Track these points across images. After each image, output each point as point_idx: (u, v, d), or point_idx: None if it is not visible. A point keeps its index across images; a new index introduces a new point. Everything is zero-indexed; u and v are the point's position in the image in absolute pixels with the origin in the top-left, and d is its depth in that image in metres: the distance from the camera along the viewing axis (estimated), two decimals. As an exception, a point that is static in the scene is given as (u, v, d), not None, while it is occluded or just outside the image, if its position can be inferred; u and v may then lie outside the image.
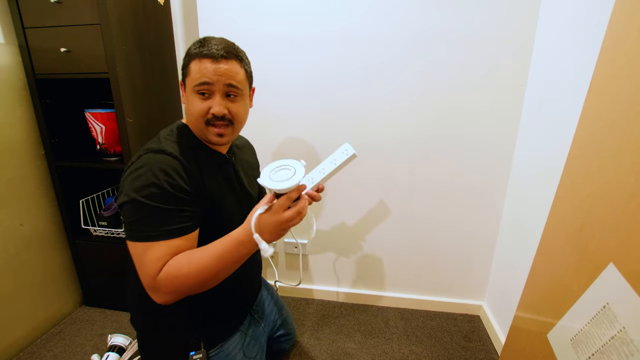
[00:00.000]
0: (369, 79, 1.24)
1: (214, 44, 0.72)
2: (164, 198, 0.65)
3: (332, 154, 0.89)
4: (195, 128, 0.77)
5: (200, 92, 0.72)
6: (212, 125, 0.74)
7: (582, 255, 0.71)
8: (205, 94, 0.72)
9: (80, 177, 1.36)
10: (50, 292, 1.34)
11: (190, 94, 0.73)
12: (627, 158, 0.61)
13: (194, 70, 0.71)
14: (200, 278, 0.66)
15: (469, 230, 1.37)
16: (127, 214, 0.66)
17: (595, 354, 0.64)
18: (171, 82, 1.38)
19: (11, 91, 1.14)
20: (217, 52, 0.70)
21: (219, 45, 0.71)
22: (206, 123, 0.74)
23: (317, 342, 1.30)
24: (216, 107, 0.72)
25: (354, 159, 0.86)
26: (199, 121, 0.74)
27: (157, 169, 0.65)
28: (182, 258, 0.66)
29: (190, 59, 0.72)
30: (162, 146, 0.70)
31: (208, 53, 0.70)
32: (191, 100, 0.73)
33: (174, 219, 0.66)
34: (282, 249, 1.54)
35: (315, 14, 1.20)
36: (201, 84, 0.70)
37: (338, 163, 0.85)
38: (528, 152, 1.16)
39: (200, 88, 0.71)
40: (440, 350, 1.27)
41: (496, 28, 1.13)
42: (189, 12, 1.34)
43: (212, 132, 0.75)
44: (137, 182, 0.65)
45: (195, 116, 0.73)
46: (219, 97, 0.72)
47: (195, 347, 0.78)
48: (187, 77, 0.73)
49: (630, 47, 0.63)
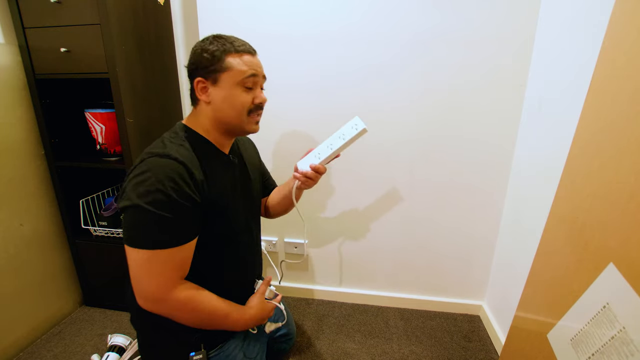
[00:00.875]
0: (369, 79, 1.24)
1: (238, 40, 0.75)
2: (169, 206, 0.64)
3: (340, 128, 0.84)
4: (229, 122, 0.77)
5: (247, 84, 0.74)
6: (251, 115, 0.77)
7: (582, 255, 0.71)
8: (249, 86, 0.74)
9: (80, 177, 1.36)
10: (50, 292, 1.34)
11: (232, 89, 0.73)
12: (627, 158, 0.61)
13: (236, 64, 0.72)
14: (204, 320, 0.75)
15: (469, 231, 1.37)
16: (129, 219, 0.65)
17: (595, 354, 0.64)
18: (171, 82, 1.38)
19: (11, 91, 1.14)
20: (251, 48, 0.75)
21: (243, 41, 0.76)
22: (248, 113, 0.76)
23: (317, 342, 1.30)
24: (263, 96, 0.78)
25: (364, 134, 0.82)
26: (242, 114, 0.76)
27: (162, 175, 0.64)
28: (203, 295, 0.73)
29: (223, 54, 0.72)
30: (167, 150, 0.68)
31: (244, 49, 0.73)
32: (234, 94, 0.74)
33: (178, 227, 0.66)
34: (282, 249, 1.54)
35: (315, 14, 1.20)
36: (251, 75, 0.73)
37: (347, 138, 0.82)
38: (528, 152, 1.16)
39: (250, 80, 0.74)
40: (440, 350, 1.27)
41: (496, 28, 1.13)
42: (189, 12, 1.34)
43: (252, 121, 0.79)
44: (140, 188, 0.64)
45: (239, 108, 0.75)
46: (259, 87, 0.78)
47: (195, 347, 0.78)
48: (223, 73, 0.72)
49: (630, 47, 0.63)
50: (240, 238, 0.86)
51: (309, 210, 1.43)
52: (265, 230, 1.47)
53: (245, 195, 0.88)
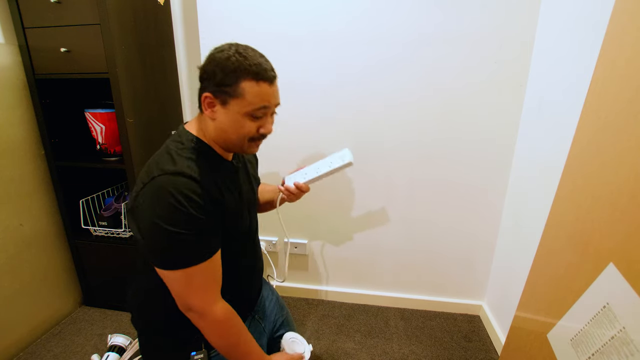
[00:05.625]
0: (369, 78, 1.24)
1: (262, 62, 0.68)
2: (193, 225, 0.64)
3: (330, 155, 0.91)
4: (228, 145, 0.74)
5: (256, 115, 0.69)
6: (255, 140, 0.74)
7: (582, 255, 0.71)
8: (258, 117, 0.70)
9: (80, 177, 1.36)
10: (50, 292, 1.34)
11: (239, 116, 0.69)
12: (627, 158, 0.61)
13: (250, 93, 0.66)
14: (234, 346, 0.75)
15: (469, 231, 1.37)
16: (154, 242, 0.65)
17: (595, 354, 0.64)
18: (171, 82, 1.38)
19: (11, 91, 1.14)
20: (271, 74, 0.68)
21: (267, 64, 0.68)
22: (249, 140, 0.73)
23: (317, 342, 1.30)
24: (269, 127, 0.72)
25: (349, 166, 0.89)
26: (242, 141, 0.72)
27: (179, 194, 0.63)
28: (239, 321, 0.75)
29: (240, 77, 0.65)
30: (178, 168, 0.66)
31: (265, 76, 0.67)
32: (239, 122, 0.69)
33: (206, 241, 0.67)
34: (282, 249, 1.54)
35: (315, 14, 1.20)
36: (262, 108, 0.68)
37: (333, 167, 0.89)
38: (528, 153, 1.16)
39: (260, 112, 0.69)
40: (440, 350, 1.27)
41: (497, 28, 1.13)
42: (189, 12, 1.34)
43: (253, 147, 0.75)
44: (158, 209, 0.62)
45: (241, 138, 0.71)
46: (271, 117, 0.73)
47: (196, 347, 0.78)
48: (235, 98, 0.67)
49: (630, 47, 0.63)
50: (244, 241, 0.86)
51: (309, 210, 1.44)
52: (266, 230, 1.47)
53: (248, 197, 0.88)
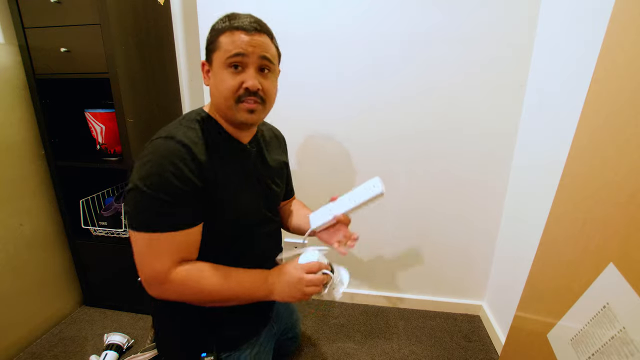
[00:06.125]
0: (369, 76, 1.24)
1: (244, 17, 0.68)
2: (168, 189, 0.63)
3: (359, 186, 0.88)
4: (221, 109, 0.71)
5: (233, 64, 0.66)
6: (242, 102, 0.68)
7: (582, 255, 0.71)
8: (238, 67, 0.66)
9: (80, 177, 1.36)
10: (50, 292, 1.34)
11: (220, 70, 0.67)
12: (627, 158, 0.61)
13: (225, 42, 0.66)
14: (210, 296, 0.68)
15: (469, 231, 1.37)
16: (130, 202, 0.64)
17: (595, 354, 0.64)
18: (171, 82, 1.38)
19: (11, 91, 1.14)
20: (250, 25, 0.66)
21: (250, 18, 0.68)
22: (237, 100, 0.68)
23: (317, 342, 1.30)
24: (250, 81, 0.66)
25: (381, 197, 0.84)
26: (228, 99, 0.67)
27: (163, 158, 0.63)
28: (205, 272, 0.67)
29: (219, 32, 0.67)
30: (172, 132, 0.66)
31: (240, 25, 0.66)
32: (220, 76, 0.67)
33: (178, 211, 0.65)
34: (282, 249, 1.53)
35: (314, 13, 1.20)
36: (235, 55, 0.65)
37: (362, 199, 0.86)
38: (528, 153, 1.16)
39: (234, 60, 0.65)
40: (440, 350, 1.27)
41: (496, 26, 1.13)
42: (189, 12, 1.34)
43: (242, 109, 0.69)
44: (142, 170, 0.63)
45: (225, 93, 0.67)
46: (252, 70, 0.67)
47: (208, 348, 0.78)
48: (214, 52, 0.67)
49: (630, 47, 0.63)
50: (256, 230, 0.82)
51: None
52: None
53: (262, 190, 0.83)
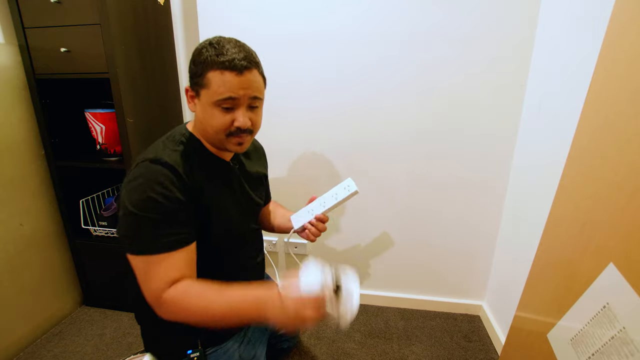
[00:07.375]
0: (369, 77, 1.24)
1: (233, 52, 0.66)
2: (160, 210, 0.64)
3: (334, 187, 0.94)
4: (210, 138, 0.74)
5: (224, 106, 0.68)
6: (233, 135, 0.71)
7: (582, 255, 0.71)
8: (229, 108, 0.68)
9: (80, 177, 1.36)
10: (50, 292, 1.34)
11: (209, 107, 0.68)
12: (627, 158, 0.61)
13: (214, 83, 0.66)
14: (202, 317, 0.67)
15: (469, 231, 1.37)
16: (124, 227, 0.66)
17: (595, 354, 0.64)
18: (171, 82, 1.38)
19: (11, 91, 1.14)
20: (240, 64, 0.65)
21: (239, 54, 0.66)
22: (227, 135, 0.71)
23: (317, 342, 1.30)
24: (242, 120, 0.69)
25: (356, 195, 0.91)
26: (219, 133, 0.70)
27: (152, 182, 0.65)
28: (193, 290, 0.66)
29: (207, 68, 0.66)
30: (158, 155, 0.68)
31: (230, 65, 0.65)
32: (210, 113, 0.68)
33: (172, 232, 0.66)
34: (282, 249, 1.54)
35: (315, 13, 1.20)
36: (226, 99, 0.66)
37: (339, 199, 0.91)
38: (528, 154, 1.16)
39: (225, 104, 0.67)
40: (440, 350, 1.27)
41: (496, 26, 1.13)
42: (189, 12, 1.34)
43: (233, 142, 0.72)
44: (133, 195, 0.65)
45: (216, 130, 0.70)
46: (243, 109, 0.69)
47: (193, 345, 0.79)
48: (203, 89, 0.67)
49: (630, 47, 0.63)
50: (242, 244, 0.86)
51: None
52: (265, 230, 1.47)
53: (245, 202, 0.87)
